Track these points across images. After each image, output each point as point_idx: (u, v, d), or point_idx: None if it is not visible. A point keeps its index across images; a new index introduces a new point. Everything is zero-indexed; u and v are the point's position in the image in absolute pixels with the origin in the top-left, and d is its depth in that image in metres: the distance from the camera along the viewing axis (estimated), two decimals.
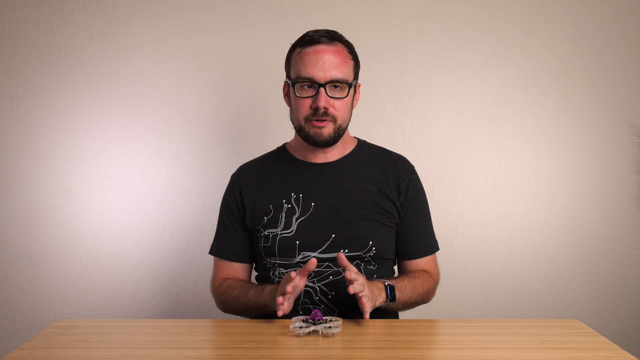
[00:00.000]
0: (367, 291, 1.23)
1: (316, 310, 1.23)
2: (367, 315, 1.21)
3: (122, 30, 2.03)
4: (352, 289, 1.20)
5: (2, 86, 2.04)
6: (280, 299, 1.22)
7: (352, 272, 1.23)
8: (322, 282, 1.39)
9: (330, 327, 1.18)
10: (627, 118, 2.08)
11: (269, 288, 1.35)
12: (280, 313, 1.23)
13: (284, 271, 1.41)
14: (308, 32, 1.40)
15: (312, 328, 1.18)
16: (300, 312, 1.38)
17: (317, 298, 1.39)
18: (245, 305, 1.41)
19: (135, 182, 2.06)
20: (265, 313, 1.37)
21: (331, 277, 1.39)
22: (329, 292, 1.38)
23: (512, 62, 2.07)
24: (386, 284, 1.33)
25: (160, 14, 2.03)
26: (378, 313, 1.40)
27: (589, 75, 2.07)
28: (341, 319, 1.24)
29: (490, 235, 2.08)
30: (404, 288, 1.38)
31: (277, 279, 1.42)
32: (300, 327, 1.18)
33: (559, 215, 2.08)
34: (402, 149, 1.57)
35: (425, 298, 1.46)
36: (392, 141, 1.57)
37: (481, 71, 2.07)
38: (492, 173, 2.08)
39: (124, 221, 2.06)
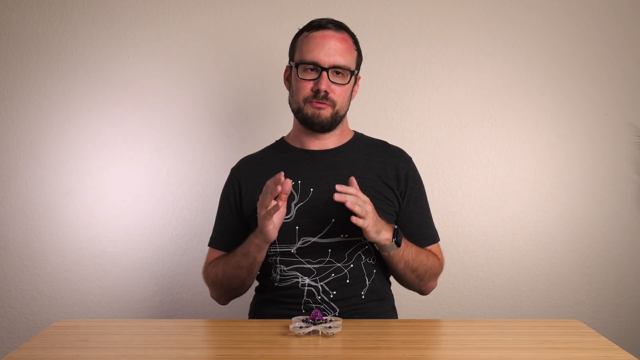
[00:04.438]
0: (370, 212, 1.25)
1: (316, 310, 1.23)
2: (356, 220, 1.24)
3: (122, 30, 2.03)
4: (338, 197, 1.22)
5: (2, 86, 2.04)
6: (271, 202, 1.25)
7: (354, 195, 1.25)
8: (325, 281, 1.39)
9: (330, 327, 1.18)
10: (627, 118, 2.08)
11: (252, 234, 1.37)
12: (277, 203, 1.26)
13: (284, 268, 1.41)
14: (316, 19, 1.44)
15: (312, 328, 1.18)
16: (303, 311, 1.38)
17: (320, 297, 1.39)
18: (235, 263, 1.39)
19: (135, 182, 2.06)
20: (254, 261, 1.37)
21: (333, 274, 1.39)
22: (330, 292, 1.38)
23: (512, 62, 2.07)
24: (395, 227, 1.34)
25: (160, 14, 2.03)
26: (378, 304, 1.39)
27: (589, 75, 2.07)
28: (341, 319, 1.24)
29: (490, 235, 2.08)
30: (410, 245, 1.39)
31: (278, 277, 1.42)
32: (300, 327, 1.18)
33: (559, 215, 2.08)
34: (402, 148, 1.57)
35: (427, 274, 1.44)
36: (391, 141, 1.57)
37: (481, 71, 2.07)
38: (492, 173, 2.08)
39: (124, 221, 2.06)
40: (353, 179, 1.29)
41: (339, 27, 1.43)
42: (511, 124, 2.08)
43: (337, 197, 1.22)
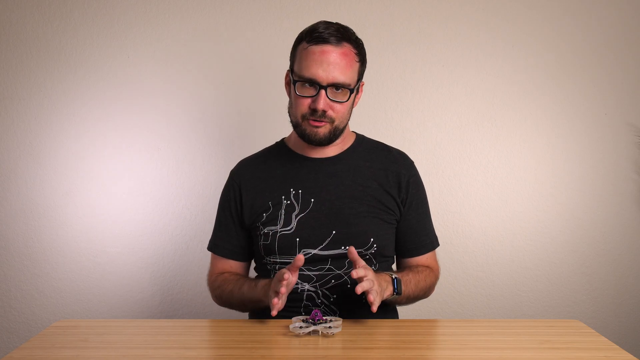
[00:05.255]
0: (375, 286, 1.22)
1: (316, 310, 1.23)
2: (374, 308, 1.20)
3: (122, 31, 2.03)
4: (360, 288, 1.18)
5: (2, 86, 2.04)
6: (275, 300, 1.21)
7: (360, 268, 1.22)
8: (325, 287, 1.38)
9: (330, 327, 1.18)
10: (627, 118, 2.08)
11: (262, 283, 1.36)
12: (274, 312, 1.22)
13: None
14: (319, 26, 1.35)
15: (312, 328, 1.18)
16: (303, 313, 1.38)
17: (320, 301, 1.39)
18: (240, 300, 1.41)
19: (136, 182, 2.06)
20: (259, 308, 1.38)
21: (333, 280, 1.38)
22: (330, 296, 1.38)
23: (512, 62, 2.07)
24: (393, 277, 1.33)
25: (160, 14, 2.03)
26: (379, 309, 1.39)
27: (589, 75, 2.07)
28: (341, 319, 1.24)
29: (490, 235, 2.08)
30: (409, 282, 1.38)
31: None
32: (300, 327, 1.18)
33: (559, 215, 2.08)
34: (402, 148, 1.57)
35: (426, 293, 1.46)
36: (392, 141, 1.57)
37: (481, 71, 2.07)
38: (492, 173, 2.08)
39: (124, 221, 2.06)
40: (352, 250, 1.25)
41: (341, 39, 1.33)
42: (511, 124, 2.08)
43: (359, 289, 1.19)
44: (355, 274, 1.19)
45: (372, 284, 1.21)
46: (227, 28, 2.04)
